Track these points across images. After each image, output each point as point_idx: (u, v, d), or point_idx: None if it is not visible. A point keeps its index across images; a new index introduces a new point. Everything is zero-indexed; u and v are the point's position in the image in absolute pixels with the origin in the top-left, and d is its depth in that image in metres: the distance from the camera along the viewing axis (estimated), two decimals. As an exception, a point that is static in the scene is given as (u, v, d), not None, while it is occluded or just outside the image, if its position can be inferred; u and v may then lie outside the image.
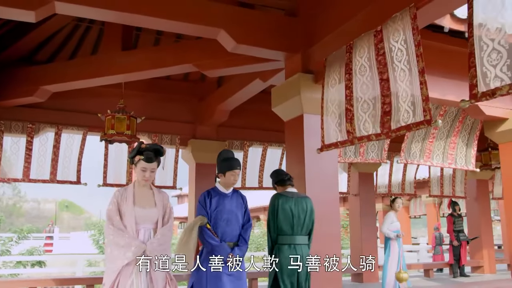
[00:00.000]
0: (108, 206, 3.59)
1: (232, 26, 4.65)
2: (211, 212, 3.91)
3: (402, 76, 3.46)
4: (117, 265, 3.37)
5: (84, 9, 4.25)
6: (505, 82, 2.63)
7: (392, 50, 3.58)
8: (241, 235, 3.96)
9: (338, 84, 4.14)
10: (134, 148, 3.64)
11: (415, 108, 3.31)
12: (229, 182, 4.01)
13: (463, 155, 7.05)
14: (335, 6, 4.58)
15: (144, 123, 6.76)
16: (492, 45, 2.74)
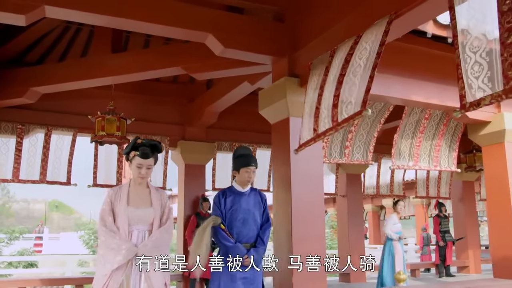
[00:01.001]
0: (101, 206, 3.41)
1: (220, 31, 4.73)
2: (226, 211, 3.76)
3: (357, 71, 3.63)
4: (107, 269, 3.18)
5: (74, 13, 4.32)
6: (487, 93, 2.75)
7: (359, 49, 3.73)
8: (259, 236, 3.79)
9: (316, 87, 4.26)
10: (129, 143, 3.44)
11: (357, 99, 3.45)
12: (244, 180, 3.82)
13: (446, 157, 7.21)
14: (320, 12, 4.69)
15: (134, 124, 6.84)
16: (474, 58, 2.86)
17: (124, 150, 3.47)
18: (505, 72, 2.60)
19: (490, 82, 2.73)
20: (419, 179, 10.44)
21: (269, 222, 3.88)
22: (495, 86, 2.69)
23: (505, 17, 2.65)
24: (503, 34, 2.65)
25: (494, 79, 2.70)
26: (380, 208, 22.71)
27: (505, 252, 6.11)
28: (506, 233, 6.09)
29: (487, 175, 6.58)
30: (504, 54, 2.63)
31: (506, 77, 2.60)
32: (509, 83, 2.57)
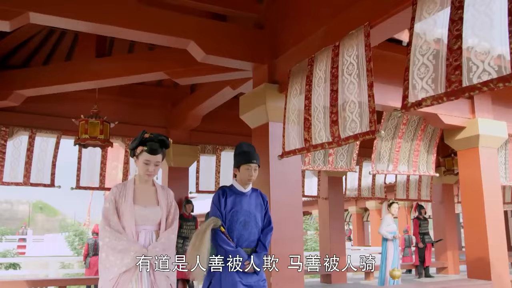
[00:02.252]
0: (104, 204, 3.16)
1: (202, 38, 4.86)
2: (226, 213, 3.49)
3: (351, 89, 3.74)
4: (113, 273, 2.93)
5: (58, 20, 4.41)
6: (429, 94, 2.92)
7: (344, 64, 3.86)
8: (260, 240, 3.53)
9: (299, 95, 4.40)
10: (136, 138, 3.19)
11: (362, 119, 3.59)
12: (244, 178, 3.53)
13: (424, 162, 7.40)
14: (299, 21, 4.83)
15: (118, 127, 6.93)
16: (422, 60, 3.04)
17: (130, 144, 3.24)
18: (449, 75, 2.77)
19: (433, 83, 2.90)
20: (399, 182, 10.65)
21: (271, 226, 3.65)
22: (437, 88, 2.86)
23: (454, 25, 2.83)
24: (451, 40, 2.82)
25: (438, 81, 2.87)
26: (364, 210, 22.99)
27: (479, 253, 6.31)
28: (480, 234, 6.29)
29: (462, 178, 6.78)
30: (449, 59, 2.80)
31: (449, 80, 2.77)
32: (451, 86, 2.74)
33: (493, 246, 6.22)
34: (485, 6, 2.73)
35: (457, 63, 2.78)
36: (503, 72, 2.53)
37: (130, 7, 4.65)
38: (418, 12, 3.19)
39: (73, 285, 7.58)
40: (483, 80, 2.64)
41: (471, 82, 2.70)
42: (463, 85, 2.74)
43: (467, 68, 2.72)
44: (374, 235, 21.20)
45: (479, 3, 2.77)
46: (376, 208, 20.59)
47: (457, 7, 2.88)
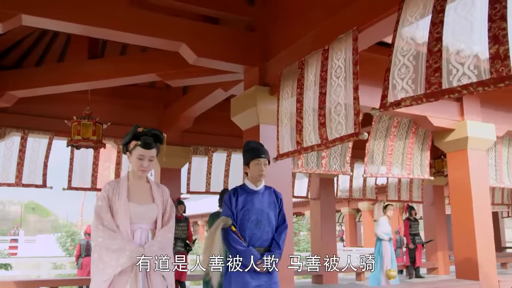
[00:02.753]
0: (96, 202, 3.02)
1: (193, 40, 4.91)
2: (237, 212, 3.42)
3: (338, 91, 3.81)
4: (107, 274, 2.78)
5: (50, 22, 4.44)
6: (409, 94, 2.98)
7: (332, 67, 3.93)
8: (274, 239, 3.44)
9: (291, 98, 4.46)
10: (129, 132, 3.06)
11: (347, 121, 3.66)
12: (255, 175, 3.46)
13: (418, 165, 7.47)
14: (289, 24, 4.90)
15: (110, 128, 6.95)
16: (403, 61, 3.10)
17: (122, 139, 3.10)
18: (428, 77, 2.84)
19: (413, 84, 2.96)
20: (391, 183, 10.74)
21: (286, 224, 3.55)
22: (417, 89, 2.92)
23: (435, 28, 2.90)
24: (431, 42, 2.89)
25: (418, 82, 2.93)
26: (356, 211, 23.12)
27: (467, 254, 6.39)
28: (468, 235, 6.37)
29: (451, 179, 6.86)
30: (429, 61, 2.86)
31: (428, 81, 2.84)
32: (430, 88, 2.81)
33: (481, 247, 6.30)
34: (465, 11, 2.79)
35: (437, 65, 2.85)
36: (482, 77, 2.59)
37: (122, 10, 4.69)
38: (403, 16, 3.25)
39: (65, 285, 7.58)
40: (463, 83, 2.70)
41: (451, 85, 2.76)
42: (442, 87, 2.80)
43: (447, 71, 2.78)
44: (367, 236, 21.33)
45: (460, 8, 2.83)
46: (368, 209, 20.70)
47: (439, 11, 2.95)
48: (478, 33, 2.68)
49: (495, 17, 2.58)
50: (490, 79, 2.55)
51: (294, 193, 10.00)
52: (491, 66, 2.54)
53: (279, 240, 3.44)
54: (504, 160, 7.86)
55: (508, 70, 2.45)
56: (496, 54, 2.51)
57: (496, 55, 2.52)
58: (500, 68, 2.49)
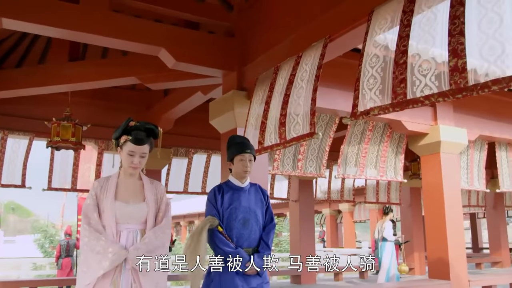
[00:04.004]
0: (85, 200, 2.89)
1: (172, 45, 5.01)
2: (223, 211, 3.25)
3: (300, 93, 3.96)
4: (90, 276, 2.65)
5: (31, 26, 4.50)
6: (376, 104, 3.13)
7: (300, 71, 4.09)
8: (262, 239, 3.29)
9: (262, 101, 4.59)
10: (120, 126, 2.88)
11: (304, 122, 3.80)
12: (239, 171, 3.31)
13: (392, 167, 7.66)
14: (267, 30, 5.02)
15: (91, 129, 7.01)
16: (371, 72, 3.25)
17: (113, 134, 2.92)
18: (395, 88, 2.99)
19: (380, 94, 3.11)
20: (369, 185, 10.95)
21: (274, 223, 3.41)
22: (384, 99, 3.07)
23: (402, 41, 3.06)
24: (398, 55, 3.05)
25: (385, 93, 3.08)
26: (337, 212, 23.37)
27: (439, 255, 6.59)
28: (440, 236, 6.57)
29: (424, 182, 7.07)
30: (395, 72, 3.02)
31: (394, 92, 2.99)
32: (396, 98, 2.96)
33: (452, 247, 6.49)
34: (429, 26, 2.95)
35: (402, 77, 3.00)
36: (443, 88, 2.74)
37: (102, 15, 4.76)
38: (371, 28, 3.41)
39: (44, 286, 7.61)
40: (425, 94, 2.85)
41: (415, 95, 2.91)
42: (407, 97, 2.95)
43: (411, 82, 2.93)
44: (347, 236, 21.60)
45: (424, 23, 2.99)
46: (349, 210, 20.98)
47: (405, 25, 3.11)
48: (439, 47, 2.82)
49: (454, 32, 2.73)
50: (449, 90, 2.69)
51: (274, 195, 10.16)
52: (450, 78, 2.68)
53: (268, 240, 3.30)
54: (476, 164, 8.11)
55: (466, 82, 2.60)
56: (455, 67, 2.66)
57: (455, 67, 2.66)
58: (458, 80, 2.63)
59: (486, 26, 2.57)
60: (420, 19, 3.04)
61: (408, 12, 3.12)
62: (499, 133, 7.79)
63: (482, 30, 2.59)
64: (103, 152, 8.10)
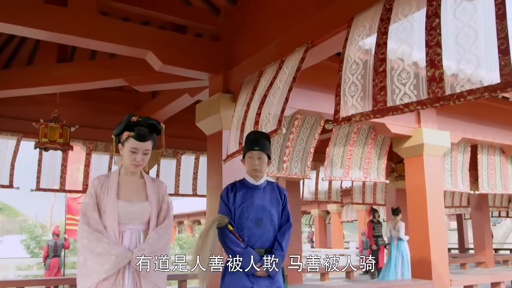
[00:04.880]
0: (83, 199, 2.75)
1: (159, 48, 5.08)
2: (235, 209, 3.14)
3: (276, 93, 4.07)
4: (91, 280, 2.52)
5: (18, 29, 4.54)
6: (358, 111, 3.24)
7: (281, 74, 4.18)
8: (277, 239, 3.15)
9: (244, 103, 4.69)
10: (121, 122, 2.76)
11: (274, 120, 3.91)
12: (249, 169, 3.23)
13: (375, 169, 7.80)
14: (252, 35, 5.12)
15: (79, 130, 7.06)
16: (352, 79, 3.35)
17: (114, 129, 2.81)
18: (375, 95, 3.09)
19: (362, 101, 3.21)
20: (355, 186, 11.10)
21: (290, 223, 3.29)
22: (365, 106, 3.17)
23: (380, 49, 3.15)
24: (376, 62, 3.15)
25: (366, 100, 3.18)
26: (326, 213, 23.52)
27: (422, 255, 6.72)
28: (423, 237, 6.69)
29: (408, 184, 7.20)
30: (375, 80, 3.13)
31: (375, 99, 3.09)
32: (377, 105, 3.06)
33: (434, 247, 6.62)
34: (405, 35, 3.05)
35: (382, 85, 3.10)
36: (421, 97, 2.83)
37: (90, 18, 4.81)
38: (351, 35, 3.51)
39: (32, 286, 7.64)
40: (405, 102, 2.95)
41: (395, 103, 3.00)
42: (387, 105, 3.05)
43: (391, 90, 3.03)
44: (335, 237, 21.74)
45: (400, 32, 3.09)
46: (337, 211, 21.13)
47: (383, 33, 3.21)
48: (417, 56, 2.91)
49: (431, 43, 2.82)
50: (428, 99, 2.79)
51: (261, 196, 10.22)
52: (428, 87, 2.78)
53: (282, 241, 3.15)
54: (459, 166, 8.27)
55: (443, 92, 2.70)
56: (433, 77, 2.76)
57: (432, 77, 2.76)
58: (436, 89, 2.73)
59: (463, 40, 2.67)
60: (397, 28, 3.14)
61: (386, 20, 3.22)
62: (481, 136, 7.96)
63: (459, 43, 2.68)
64: (91, 153, 8.15)
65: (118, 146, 2.80)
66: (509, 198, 14.59)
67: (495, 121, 8.15)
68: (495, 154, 8.69)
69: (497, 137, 8.15)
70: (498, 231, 31.63)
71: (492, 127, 8.09)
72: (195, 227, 30.33)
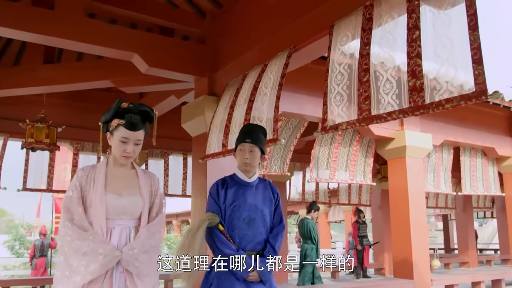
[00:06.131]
0: (66, 192, 2.44)
1: (145, 51, 5.15)
2: (226, 208, 2.92)
3: (264, 99, 4.16)
4: (75, 283, 2.22)
5: (5, 30, 4.56)
6: (344, 119, 3.34)
7: (265, 78, 4.28)
8: (269, 242, 2.96)
9: (227, 105, 4.78)
10: (110, 108, 2.50)
11: (267, 127, 3.99)
12: (240, 163, 3.02)
13: (361, 171, 7.93)
14: (236, 38, 5.21)
15: (67, 130, 7.10)
16: (337, 89, 3.45)
17: (102, 116, 2.55)
18: (360, 104, 3.20)
19: (347, 110, 3.32)
20: (342, 187, 11.23)
21: (283, 224, 3.07)
22: (351, 115, 3.28)
23: (363, 59, 3.26)
24: (361, 73, 3.26)
25: (351, 109, 3.29)
26: (314, 213, 23.63)
27: (404, 255, 6.86)
28: (405, 237, 6.83)
29: (391, 185, 7.34)
30: (360, 90, 3.23)
31: (360, 108, 3.20)
32: (362, 114, 3.17)
33: (416, 247, 6.76)
34: (388, 46, 3.15)
35: (367, 94, 3.19)
36: (403, 106, 2.95)
37: (77, 21, 4.86)
38: (333, 44, 3.61)
39: (18, 285, 7.65)
40: (388, 111, 3.07)
41: (378, 112, 3.10)
42: (372, 113, 3.15)
43: (376, 100, 3.13)
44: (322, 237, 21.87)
45: (383, 43, 3.19)
46: (324, 211, 21.27)
47: (365, 43, 3.30)
48: (399, 67, 3.01)
49: (412, 54, 2.93)
50: (409, 108, 2.90)
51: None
52: (410, 96, 2.89)
53: (275, 244, 2.98)
54: (442, 167, 8.44)
55: (423, 101, 2.81)
56: (414, 87, 2.87)
57: (413, 87, 2.87)
58: (417, 98, 2.84)
59: (441, 50, 2.79)
60: (380, 39, 3.22)
61: (367, 30, 3.32)
62: (463, 138, 8.13)
63: (437, 54, 2.80)
64: (79, 153, 8.18)
65: (106, 135, 2.56)
66: (492, 199, 14.85)
67: (477, 124, 8.34)
68: (477, 156, 8.87)
69: (478, 140, 8.33)
70: (484, 232, 31.98)
71: (473, 130, 8.27)
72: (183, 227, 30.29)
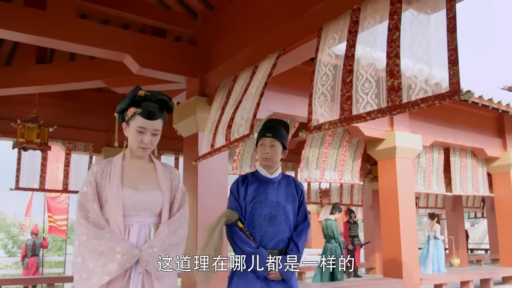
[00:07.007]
0: (81, 189, 2.30)
1: (137, 51, 5.18)
2: (246, 205, 2.86)
3: (249, 97, 4.22)
4: (92, 284, 2.11)
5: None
6: (326, 119, 3.41)
7: (253, 79, 4.34)
8: (292, 239, 2.85)
9: (219, 107, 4.83)
10: (126, 96, 2.38)
11: (246, 124, 4.06)
12: (260, 158, 2.96)
13: (349, 171, 8.02)
14: (228, 40, 5.25)
15: (58, 130, 7.12)
16: (322, 90, 3.51)
17: (118, 105, 2.43)
18: (342, 104, 3.27)
19: (330, 110, 3.38)
20: (333, 187, 11.31)
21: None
22: (333, 114, 3.35)
23: (348, 61, 3.33)
24: (345, 74, 3.33)
25: (334, 109, 3.35)
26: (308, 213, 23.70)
27: (393, 254, 6.95)
28: (394, 237, 6.93)
29: (381, 185, 7.43)
30: (343, 90, 3.30)
31: (342, 108, 3.26)
32: (343, 114, 3.23)
33: (405, 247, 6.85)
34: (370, 47, 3.23)
35: (349, 94, 3.26)
36: (381, 105, 3.02)
37: (69, 21, 4.88)
38: (321, 46, 3.67)
39: (10, 285, 7.67)
40: (367, 110, 3.13)
41: (358, 112, 3.17)
42: (352, 113, 3.22)
43: (356, 100, 3.21)
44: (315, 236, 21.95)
45: (366, 44, 3.27)
46: (316, 211, 21.35)
47: (351, 45, 3.37)
48: (378, 67, 3.09)
49: (391, 54, 3.00)
50: (387, 107, 2.96)
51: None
52: (388, 96, 2.95)
53: (298, 241, 2.85)
54: (434, 168, 8.53)
55: (400, 100, 2.87)
56: (392, 86, 2.93)
57: (391, 87, 2.93)
58: (394, 98, 2.91)
59: (417, 49, 2.86)
60: (363, 40, 3.32)
61: (353, 32, 3.39)
62: (453, 139, 8.23)
63: (413, 53, 2.87)
64: (71, 152, 8.19)
65: (122, 126, 2.42)
66: (482, 199, 14.99)
67: (466, 125, 8.45)
68: (466, 156, 8.98)
69: (468, 141, 8.44)
70: (476, 232, 32.13)
71: (463, 131, 8.38)
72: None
